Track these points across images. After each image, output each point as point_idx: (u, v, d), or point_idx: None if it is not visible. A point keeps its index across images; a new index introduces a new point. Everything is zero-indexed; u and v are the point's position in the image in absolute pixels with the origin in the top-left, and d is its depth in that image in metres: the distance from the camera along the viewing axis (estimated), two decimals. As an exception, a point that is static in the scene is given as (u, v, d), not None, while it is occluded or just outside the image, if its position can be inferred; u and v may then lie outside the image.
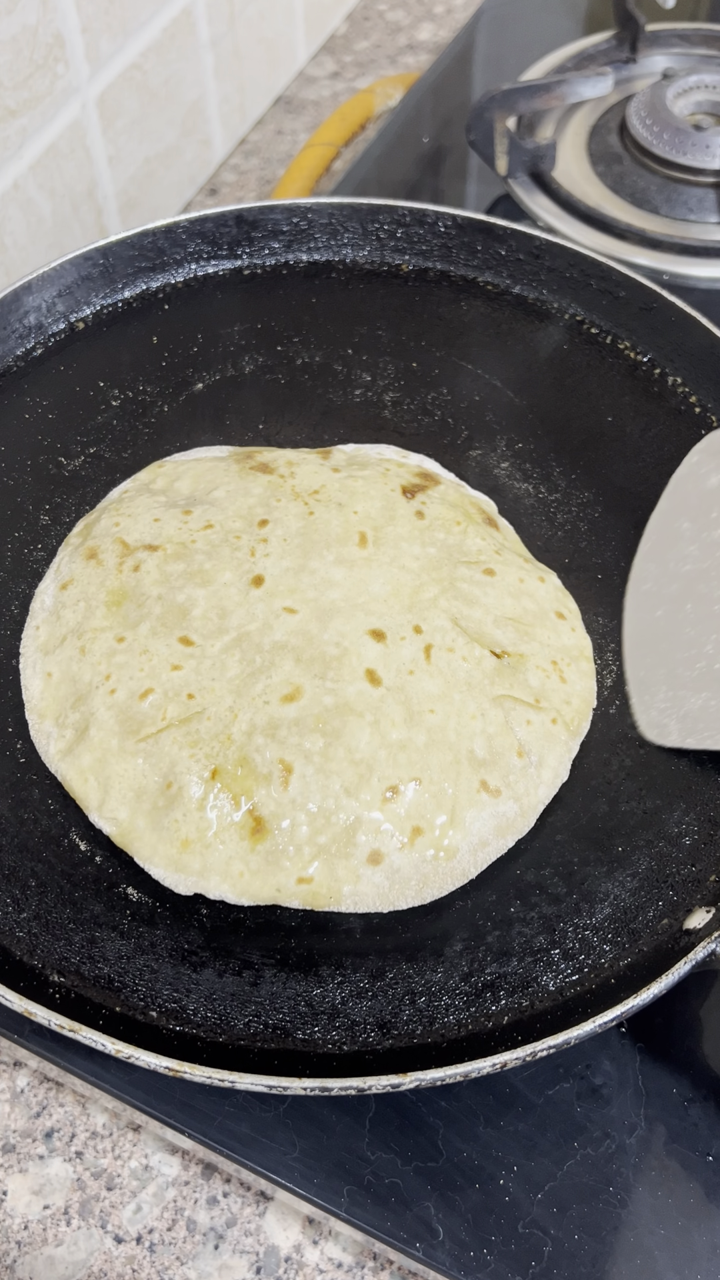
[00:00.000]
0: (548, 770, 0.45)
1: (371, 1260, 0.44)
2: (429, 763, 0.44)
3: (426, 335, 0.63)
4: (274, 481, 0.52)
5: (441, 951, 0.43)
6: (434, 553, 0.50)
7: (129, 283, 0.64)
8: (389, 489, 0.52)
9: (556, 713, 0.46)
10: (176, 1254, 0.44)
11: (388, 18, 1.04)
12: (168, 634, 0.47)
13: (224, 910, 0.44)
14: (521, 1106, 0.42)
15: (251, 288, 0.66)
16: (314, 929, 0.43)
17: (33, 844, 0.45)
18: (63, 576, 0.50)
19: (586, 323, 0.64)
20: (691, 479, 0.54)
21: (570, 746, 0.47)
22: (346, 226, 0.66)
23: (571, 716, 0.47)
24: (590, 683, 0.48)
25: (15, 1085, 0.48)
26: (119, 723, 0.44)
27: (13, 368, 0.61)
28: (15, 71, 0.65)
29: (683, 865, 0.45)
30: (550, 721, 0.46)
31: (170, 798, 0.43)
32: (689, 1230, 0.40)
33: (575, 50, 0.84)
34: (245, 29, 0.86)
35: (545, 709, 0.46)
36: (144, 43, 0.75)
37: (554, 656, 0.48)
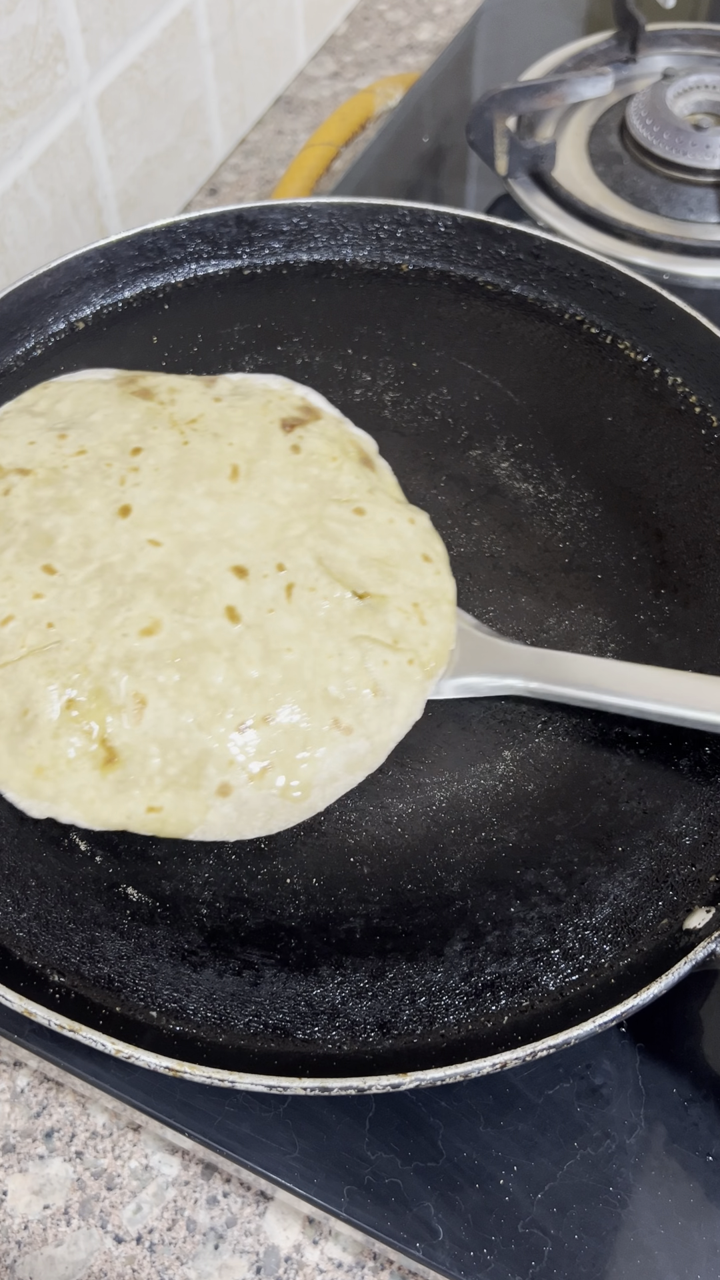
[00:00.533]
0: (400, 709, 0.46)
1: (371, 1260, 0.44)
2: (282, 700, 0.44)
3: (426, 335, 0.63)
4: (152, 409, 0.52)
5: (441, 951, 0.43)
6: (305, 489, 0.50)
7: (129, 283, 0.64)
8: (267, 421, 0.52)
9: (414, 654, 0.47)
10: (176, 1254, 0.44)
11: (388, 18, 1.04)
12: (32, 561, 0.46)
13: (224, 910, 0.44)
14: (521, 1106, 0.42)
15: (251, 288, 0.66)
16: (314, 929, 0.43)
17: (33, 844, 0.45)
18: None
19: (586, 323, 0.64)
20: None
21: (424, 687, 0.47)
22: (346, 226, 0.66)
23: (429, 658, 0.47)
24: (450, 625, 0.49)
25: (15, 1085, 0.48)
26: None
27: (13, 368, 0.61)
28: (15, 71, 0.65)
29: (683, 865, 0.45)
30: (407, 662, 0.46)
31: (26, 724, 0.43)
32: (689, 1230, 0.40)
33: (575, 50, 0.84)
34: (245, 29, 0.86)
35: (403, 650, 0.47)
36: (144, 43, 0.75)
37: (416, 599, 0.48)
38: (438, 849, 0.45)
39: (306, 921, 0.43)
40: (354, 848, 0.45)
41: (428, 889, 0.44)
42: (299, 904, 0.44)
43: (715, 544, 0.54)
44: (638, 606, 0.52)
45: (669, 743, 0.48)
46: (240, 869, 0.45)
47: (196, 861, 0.45)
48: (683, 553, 0.54)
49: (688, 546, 0.54)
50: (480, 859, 0.45)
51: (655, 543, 0.54)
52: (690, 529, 0.55)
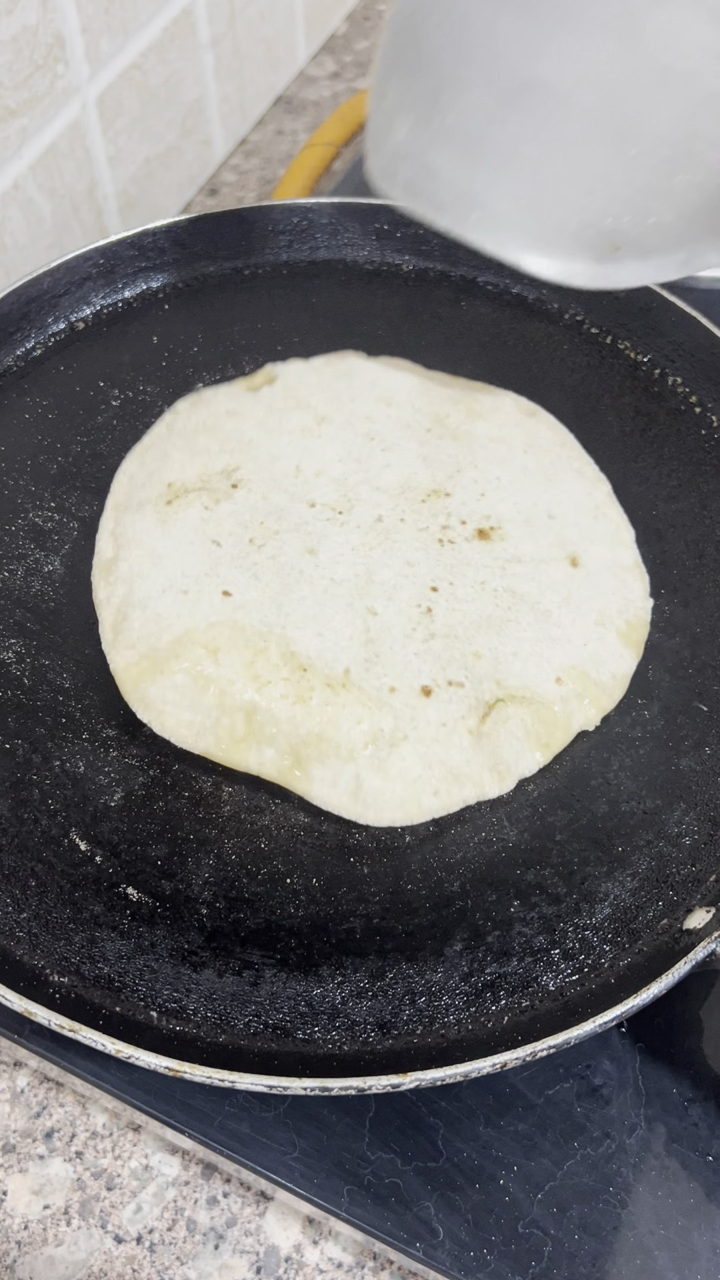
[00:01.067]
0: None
1: (371, 1260, 0.44)
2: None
3: (426, 335, 0.63)
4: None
5: (441, 951, 0.43)
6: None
7: (129, 283, 0.64)
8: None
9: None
10: (176, 1254, 0.44)
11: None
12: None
13: (224, 910, 0.44)
14: (521, 1106, 0.42)
15: (251, 288, 0.66)
16: (314, 929, 0.43)
17: (33, 844, 0.45)
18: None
19: (586, 323, 0.64)
20: None
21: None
22: (346, 226, 0.66)
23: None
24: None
25: (15, 1085, 0.48)
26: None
27: (13, 368, 0.61)
28: (15, 71, 0.65)
29: (683, 865, 0.45)
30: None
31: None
32: (689, 1230, 0.40)
33: (575, 50, 0.84)
34: (245, 29, 0.86)
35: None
36: (144, 43, 0.75)
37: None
38: (438, 849, 0.45)
39: (306, 921, 0.43)
40: (354, 848, 0.45)
41: (428, 889, 0.44)
42: (299, 904, 0.44)
43: (715, 544, 0.54)
44: (638, 606, 0.52)
45: (669, 743, 0.48)
46: (240, 869, 0.45)
47: (196, 861, 0.45)
48: (683, 553, 0.54)
49: (688, 546, 0.54)
50: (480, 859, 0.45)
51: (655, 543, 0.54)
52: (690, 529, 0.55)
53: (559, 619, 0.49)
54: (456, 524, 0.52)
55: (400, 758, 0.45)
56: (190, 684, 0.47)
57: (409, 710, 0.46)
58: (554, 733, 0.47)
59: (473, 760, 0.46)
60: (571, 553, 0.52)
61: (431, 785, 0.45)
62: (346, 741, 0.45)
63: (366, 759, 0.45)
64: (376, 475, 0.54)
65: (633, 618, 0.51)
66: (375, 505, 0.52)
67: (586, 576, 0.51)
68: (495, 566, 0.51)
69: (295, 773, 0.45)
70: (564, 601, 0.50)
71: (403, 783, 0.45)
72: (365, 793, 0.45)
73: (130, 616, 0.49)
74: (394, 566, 0.50)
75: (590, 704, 0.48)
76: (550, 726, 0.47)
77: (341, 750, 0.45)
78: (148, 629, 0.48)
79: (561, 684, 0.47)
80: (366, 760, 0.45)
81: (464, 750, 0.46)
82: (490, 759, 0.46)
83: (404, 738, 0.45)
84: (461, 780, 0.45)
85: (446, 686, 0.47)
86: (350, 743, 0.45)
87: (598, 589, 0.51)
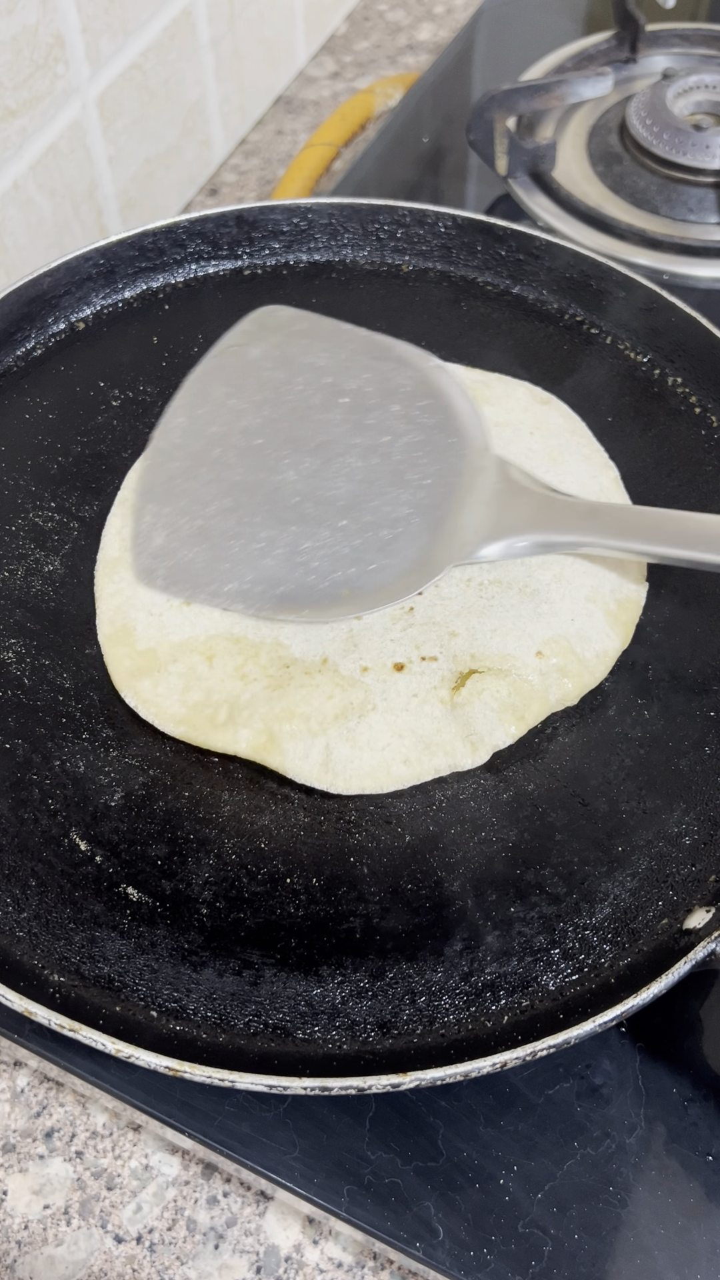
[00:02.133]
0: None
1: (371, 1260, 0.44)
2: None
3: (426, 335, 0.63)
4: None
5: (441, 951, 0.43)
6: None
7: (129, 283, 0.64)
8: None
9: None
10: (176, 1254, 0.44)
11: (388, 18, 1.04)
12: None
13: (224, 910, 0.44)
14: (521, 1106, 0.42)
15: (251, 288, 0.66)
16: (314, 929, 0.43)
17: (33, 844, 0.45)
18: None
19: (586, 323, 0.64)
20: (236, 347, 0.56)
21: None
22: (346, 227, 0.66)
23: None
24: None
25: (15, 1085, 0.48)
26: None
27: (13, 368, 0.61)
28: (15, 71, 0.65)
29: (683, 865, 0.45)
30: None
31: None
32: (689, 1230, 0.40)
33: (575, 50, 0.84)
34: (245, 29, 0.86)
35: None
36: (144, 43, 0.75)
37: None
38: (438, 849, 0.45)
39: (306, 921, 0.43)
40: (354, 848, 0.45)
41: (428, 889, 0.44)
42: (299, 904, 0.44)
43: (715, 544, 0.54)
44: (638, 606, 0.52)
45: (669, 743, 0.48)
46: (240, 869, 0.45)
47: (196, 861, 0.45)
48: (683, 553, 0.54)
49: (688, 546, 0.54)
50: (480, 859, 0.45)
51: (655, 543, 0.54)
52: (690, 529, 0.55)
53: (548, 595, 0.49)
54: None
55: (369, 727, 0.46)
56: (181, 684, 0.47)
57: (380, 684, 0.47)
58: (529, 705, 0.47)
59: (444, 730, 0.46)
60: None
61: (401, 754, 0.46)
62: (317, 715, 0.46)
63: (336, 730, 0.46)
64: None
65: (625, 599, 0.50)
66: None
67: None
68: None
69: (269, 748, 0.46)
70: (555, 579, 0.50)
71: (371, 750, 0.45)
72: (335, 762, 0.45)
73: (132, 617, 0.49)
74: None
75: (570, 680, 0.48)
76: (526, 698, 0.47)
77: (312, 723, 0.46)
78: (149, 632, 0.49)
79: (542, 657, 0.47)
80: (336, 731, 0.46)
81: (435, 720, 0.46)
82: (463, 729, 0.46)
83: (373, 708, 0.46)
84: (432, 749, 0.46)
85: (420, 661, 0.47)
86: (321, 715, 0.46)
87: (592, 567, 0.51)
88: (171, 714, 0.47)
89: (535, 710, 0.47)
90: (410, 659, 0.47)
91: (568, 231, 0.72)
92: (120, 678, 0.48)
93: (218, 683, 0.47)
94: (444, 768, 0.46)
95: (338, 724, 0.46)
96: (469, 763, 0.46)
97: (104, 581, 0.51)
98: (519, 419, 0.56)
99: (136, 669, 0.48)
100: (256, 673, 0.47)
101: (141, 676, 0.48)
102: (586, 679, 0.48)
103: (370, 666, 0.47)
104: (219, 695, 0.47)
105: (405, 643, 0.48)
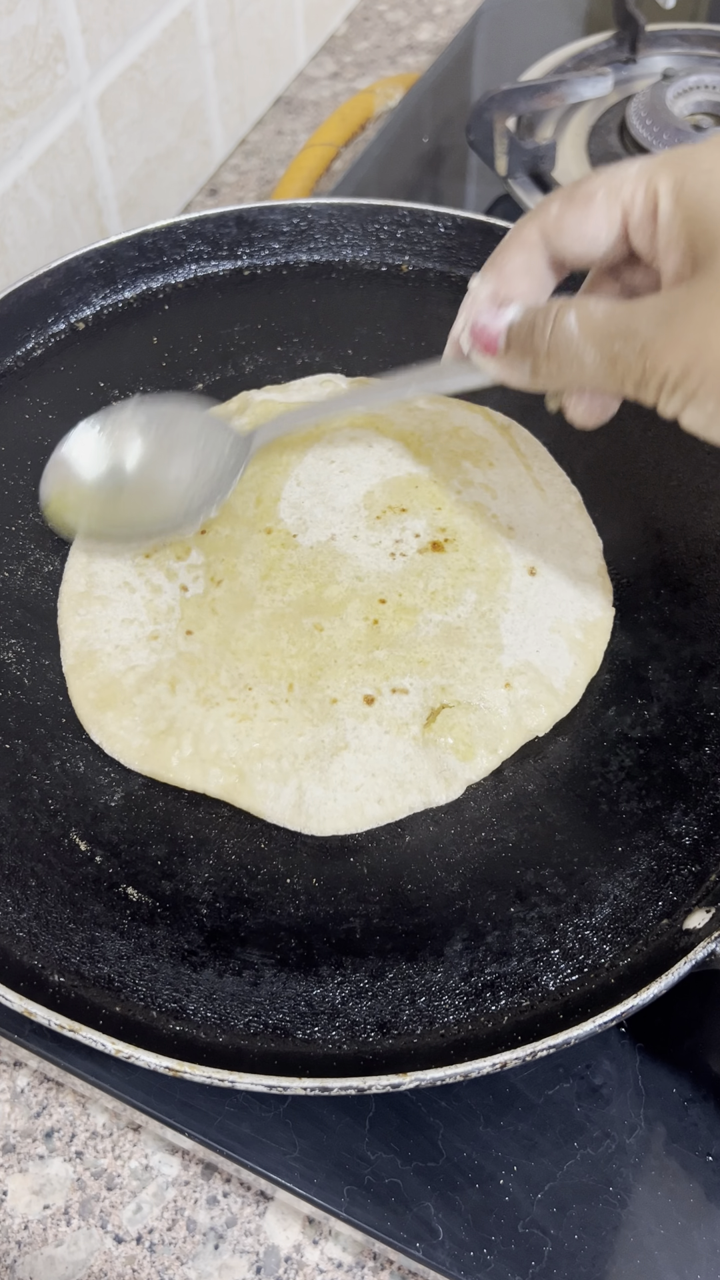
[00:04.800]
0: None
1: (371, 1260, 0.44)
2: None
3: (426, 335, 0.63)
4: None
5: (441, 951, 0.43)
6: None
7: (129, 283, 0.64)
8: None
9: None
10: (176, 1254, 0.44)
11: (388, 18, 1.04)
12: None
13: (224, 910, 0.44)
14: (521, 1106, 0.42)
15: (251, 288, 0.66)
16: (314, 929, 0.43)
17: (33, 844, 0.45)
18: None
19: (586, 323, 0.64)
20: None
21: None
22: (346, 227, 0.66)
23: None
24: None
25: (15, 1085, 0.48)
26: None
27: (13, 368, 0.61)
28: (15, 71, 0.65)
29: (683, 865, 0.45)
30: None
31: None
32: (689, 1230, 0.40)
33: (575, 50, 0.84)
34: (245, 29, 0.86)
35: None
36: (144, 43, 0.75)
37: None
38: (438, 849, 0.45)
39: (306, 921, 0.43)
40: (354, 848, 0.45)
41: (428, 889, 0.44)
42: (299, 904, 0.44)
43: (715, 544, 0.54)
44: (638, 606, 0.52)
45: (669, 743, 0.48)
46: (240, 869, 0.45)
47: (196, 861, 0.45)
48: (683, 553, 0.54)
49: (688, 546, 0.54)
50: (480, 859, 0.45)
51: (655, 543, 0.54)
52: (690, 529, 0.55)
53: (511, 625, 0.49)
54: (410, 538, 0.52)
55: (341, 766, 0.45)
56: (145, 714, 0.47)
57: (351, 719, 0.46)
58: (500, 738, 0.47)
59: (418, 767, 0.46)
60: (530, 562, 0.52)
61: (375, 793, 0.45)
62: (288, 753, 0.45)
63: (308, 770, 0.45)
64: (334, 496, 0.53)
65: (591, 626, 0.50)
66: (329, 525, 0.52)
67: (545, 585, 0.51)
68: (448, 576, 0.50)
69: (240, 788, 0.45)
70: (519, 609, 0.50)
71: (345, 790, 0.45)
72: (307, 804, 0.45)
73: (98, 651, 0.49)
74: (343, 583, 0.50)
75: (543, 709, 0.48)
76: (496, 732, 0.47)
77: (284, 762, 0.45)
78: (113, 665, 0.48)
79: (511, 689, 0.47)
80: (308, 772, 0.45)
81: (409, 758, 0.46)
82: (436, 765, 0.46)
83: (345, 746, 0.46)
84: (406, 787, 0.45)
85: (390, 694, 0.47)
86: (292, 754, 0.45)
87: (555, 597, 0.51)
88: (137, 748, 0.46)
89: (508, 743, 0.47)
90: (380, 691, 0.47)
91: (568, 232, 0.72)
92: (84, 712, 0.48)
93: (180, 710, 0.47)
94: (418, 804, 0.46)
95: (309, 764, 0.45)
96: (443, 798, 0.46)
97: (69, 614, 0.50)
98: (478, 450, 0.56)
99: (102, 703, 0.47)
100: (219, 695, 0.47)
101: (106, 709, 0.47)
102: (558, 708, 0.48)
103: (339, 699, 0.47)
104: (182, 724, 0.46)
105: (374, 669, 0.48)
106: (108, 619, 0.50)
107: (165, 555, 0.52)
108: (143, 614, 0.50)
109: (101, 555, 0.52)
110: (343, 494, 0.53)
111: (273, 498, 0.53)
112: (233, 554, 0.51)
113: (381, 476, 0.54)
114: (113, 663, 0.48)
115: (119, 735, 0.47)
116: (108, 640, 0.49)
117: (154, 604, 0.50)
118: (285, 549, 0.51)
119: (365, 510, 0.53)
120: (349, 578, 0.50)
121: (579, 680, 0.49)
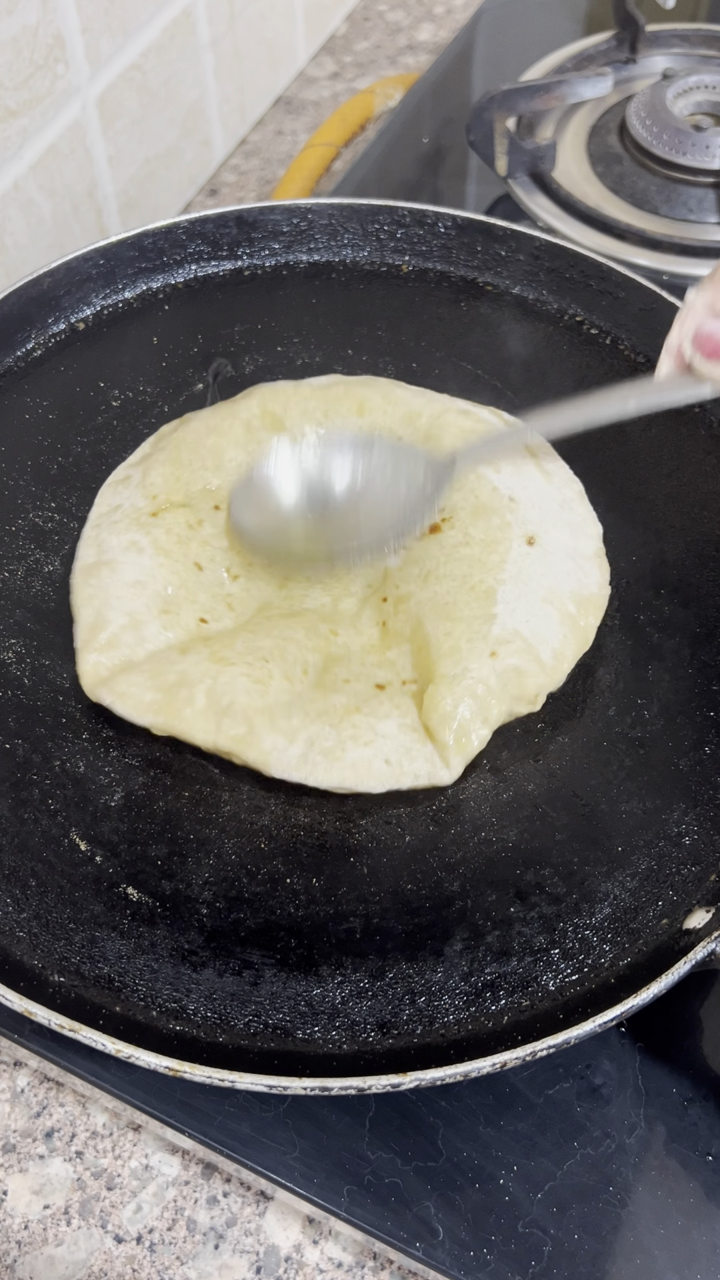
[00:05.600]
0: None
1: (371, 1260, 0.44)
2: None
3: (426, 335, 0.63)
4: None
5: (441, 951, 0.43)
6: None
7: (129, 283, 0.64)
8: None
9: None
10: (176, 1254, 0.44)
11: (388, 18, 1.04)
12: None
13: (224, 910, 0.44)
14: (521, 1106, 0.42)
15: (251, 288, 0.66)
16: (314, 929, 0.43)
17: (33, 844, 0.45)
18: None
19: (586, 323, 0.64)
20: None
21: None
22: (346, 227, 0.66)
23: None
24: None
25: (15, 1085, 0.48)
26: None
27: (13, 368, 0.61)
28: (15, 72, 0.65)
29: (683, 865, 0.45)
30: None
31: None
32: (689, 1230, 0.40)
33: (575, 50, 0.84)
34: (245, 29, 0.86)
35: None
36: (144, 43, 0.75)
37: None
38: (438, 849, 0.45)
39: (306, 921, 0.43)
40: (354, 848, 0.45)
41: (428, 889, 0.44)
42: (299, 904, 0.44)
43: (715, 544, 0.54)
44: (638, 606, 0.52)
45: (669, 743, 0.48)
46: (240, 869, 0.45)
47: (196, 861, 0.45)
48: (683, 553, 0.54)
49: (688, 546, 0.54)
50: (480, 859, 0.45)
51: (655, 543, 0.54)
52: (690, 529, 0.55)
53: (503, 595, 0.49)
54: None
55: (352, 724, 0.46)
56: (155, 670, 0.47)
57: (364, 693, 0.47)
58: (488, 707, 0.47)
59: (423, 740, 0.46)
60: (529, 532, 0.51)
61: (384, 752, 0.46)
62: (300, 712, 0.46)
63: (320, 725, 0.46)
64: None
65: (585, 601, 0.50)
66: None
67: (542, 555, 0.51)
68: (441, 556, 0.51)
69: (249, 741, 0.45)
70: (512, 578, 0.50)
71: (355, 745, 0.46)
72: (316, 754, 0.46)
73: (110, 622, 0.49)
74: (356, 593, 0.52)
75: (529, 680, 0.48)
76: (483, 701, 0.47)
77: (294, 720, 0.46)
78: (125, 637, 0.49)
79: (496, 657, 0.47)
80: (320, 726, 0.46)
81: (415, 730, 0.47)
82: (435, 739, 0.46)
83: (356, 709, 0.46)
84: (413, 755, 0.46)
85: (401, 685, 0.48)
86: (304, 712, 0.46)
87: (551, 568, 0.50)
88: (149, 702, 0.46)
89: (496, 712, 0.47)
90: (391, 681, 0.48)
91: (568, 232, 0.72)
92: (90, 682, 0.48)
93: (192, 666, 0.47)
94: (423, 776, 0.46)
95: (321, 720, 0.46)
96: (445, 776, 0.46)
97: (81, 586, 0.51)
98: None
99: (112, 675, 0.48)
100: (234, 658, 0.47)
101: (116, 676, 0.48)
102: (544, 680, 0.48)
103: (351, 679, 0.48)
104: (194, 677, 0.46)
105: (386, 669, 0.49)
106: (117, 584, 0.50)
107: (175, 519, 0.52)
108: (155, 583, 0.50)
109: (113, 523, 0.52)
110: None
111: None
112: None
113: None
114: (123, 633, 0.49)
115: (129, 693, 0.47)
116: (117, 607, 0.49)
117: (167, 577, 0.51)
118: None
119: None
120: (360, 586, 0.52)
121: (567, 654, 0.49)
